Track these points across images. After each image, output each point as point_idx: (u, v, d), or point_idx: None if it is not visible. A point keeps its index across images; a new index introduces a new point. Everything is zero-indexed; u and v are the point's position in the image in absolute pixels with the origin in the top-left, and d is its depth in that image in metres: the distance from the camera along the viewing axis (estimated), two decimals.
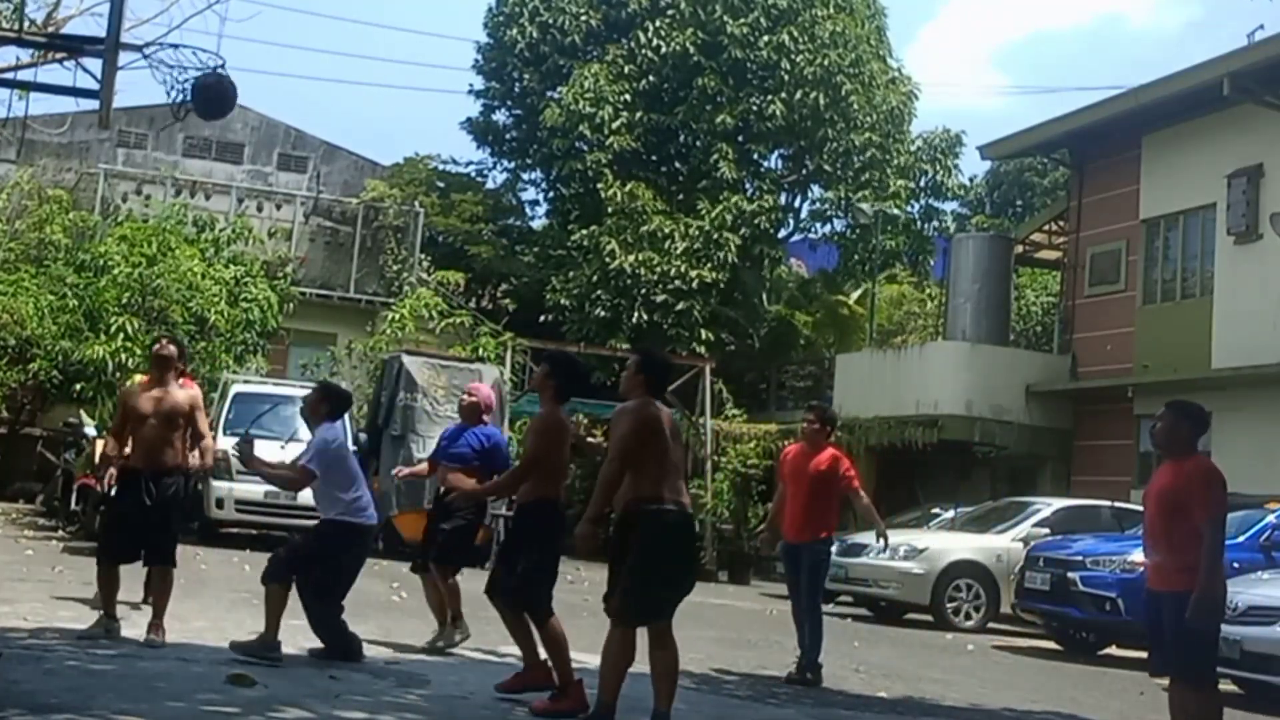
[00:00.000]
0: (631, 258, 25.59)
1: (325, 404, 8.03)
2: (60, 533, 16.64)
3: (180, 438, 8.14)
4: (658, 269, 25.60)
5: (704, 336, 25.73)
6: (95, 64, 9.05)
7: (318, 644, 7.86)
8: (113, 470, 8.70)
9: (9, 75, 11.17)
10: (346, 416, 8.40)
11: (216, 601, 10.34)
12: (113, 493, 8.63)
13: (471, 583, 8.75)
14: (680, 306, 25.68)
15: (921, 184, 29.68)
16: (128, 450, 8.21)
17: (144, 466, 7.97)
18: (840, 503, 9.67)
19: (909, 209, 29.58)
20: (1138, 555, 12.90)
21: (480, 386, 10.22)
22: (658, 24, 27.15)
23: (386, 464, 18.33)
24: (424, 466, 9.93)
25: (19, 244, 21.62)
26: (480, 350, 21.75)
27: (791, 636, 12.27)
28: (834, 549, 16.65)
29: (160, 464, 7.96)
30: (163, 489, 7.94)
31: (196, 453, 8.35)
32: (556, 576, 7.16)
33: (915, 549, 15.42)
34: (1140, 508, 15.30)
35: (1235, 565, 12.35)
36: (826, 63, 26.73)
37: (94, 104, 9.64)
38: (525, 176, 31.07)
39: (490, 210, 29.96)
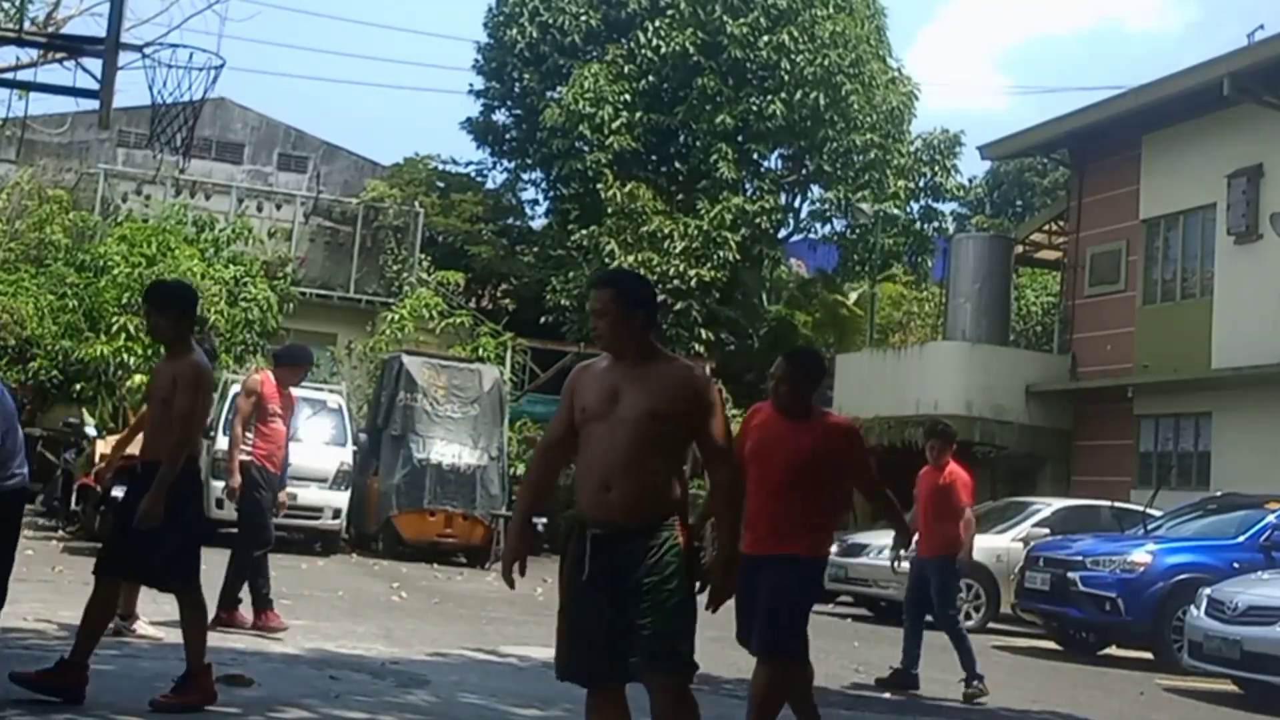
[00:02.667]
0: (631, 258, 25.58)
1: None
2: (60, 533, 16.65)
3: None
4: (657, 269, 25.60)
5: (703, 336, 25.73)
6: (95, 64, 9.03)
7: (317, 644, 7.86)
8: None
9: (9, 75, 11.15)
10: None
11: (216, 602, 10.32)
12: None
13: (472, 583, 8.75)
14: (679, 306, 25.69)
15: (920, 184, 29.70)
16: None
17: None
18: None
19: (908, 209, 29.59)
20: (1138, 555, 12.93)
21: None
22: (657, 24, 27.14)
23: (386, 464, 18.35)
24: None
25: (19, 244, 21.63)
26: (480, 350, 21.76)
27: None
28: (834, 549, 16.82)
29: None
30: None
31: None
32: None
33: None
34: (1139, 507, 15.38)
35: (1235, 565, 12.37)
36: (826, 63, 26.72)
37: (94, 104, 9.63)
38: (525, 176, 31.07)
39: (490, 210, 29.96)
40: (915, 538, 9.10)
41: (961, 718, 8.42)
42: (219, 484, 16.85)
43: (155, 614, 8.48)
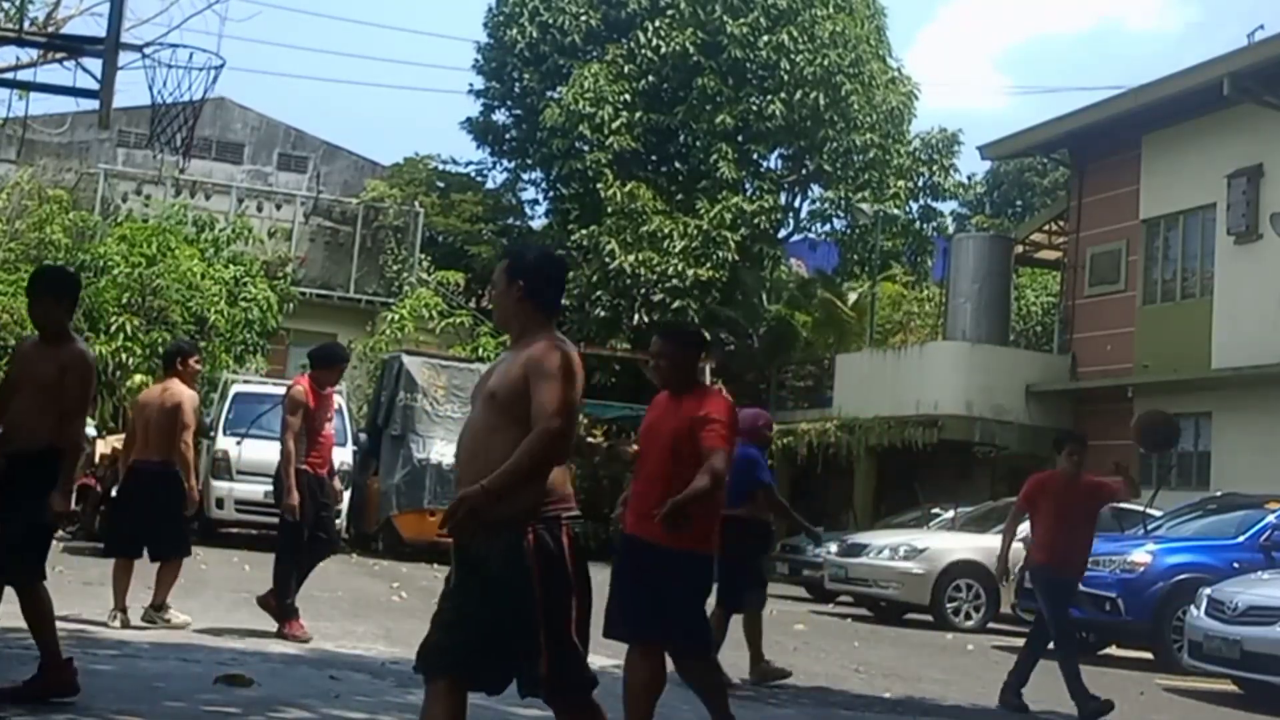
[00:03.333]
0: (631, 258, 25.60)
1: None
2: (60, 533, 16.63)
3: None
4: (657, 269, 25.61)
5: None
6: (95, 64, 9.03)
7: (317, 644, 7.86)
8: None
9: (9, 75, 11.15)
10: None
11: (217, 601, 10.34)
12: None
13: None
14: (676, 305, 25.69)
15: (919, 184, 29.72)
16: None
17: None
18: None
19: (908, 209, 29.61)
20: (1138, 555, 12.92)
21: None
22: (657, 24, 27.15)
23: (386, 464, 18.35)
24: None
25: (19, 244, 21.62)
26: (480, 350, 21.77)
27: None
28: (834, 549, 16.84)
29: None
30: None
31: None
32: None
33: (915, 549, 15.41)
34: (1139, 507, 15.37)
35: (1235, 565, 12.37)
36: (826, 63, 26.73)
37: (94, 104, 9.62)
38: (525, 176, 31.10)
39: (490, 210, 29.98)
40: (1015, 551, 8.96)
41: (961, 717, 8.41)
42: (220, 484, 16.95)
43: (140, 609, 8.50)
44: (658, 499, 5.34)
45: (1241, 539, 12.79)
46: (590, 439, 24.00)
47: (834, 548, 16.86)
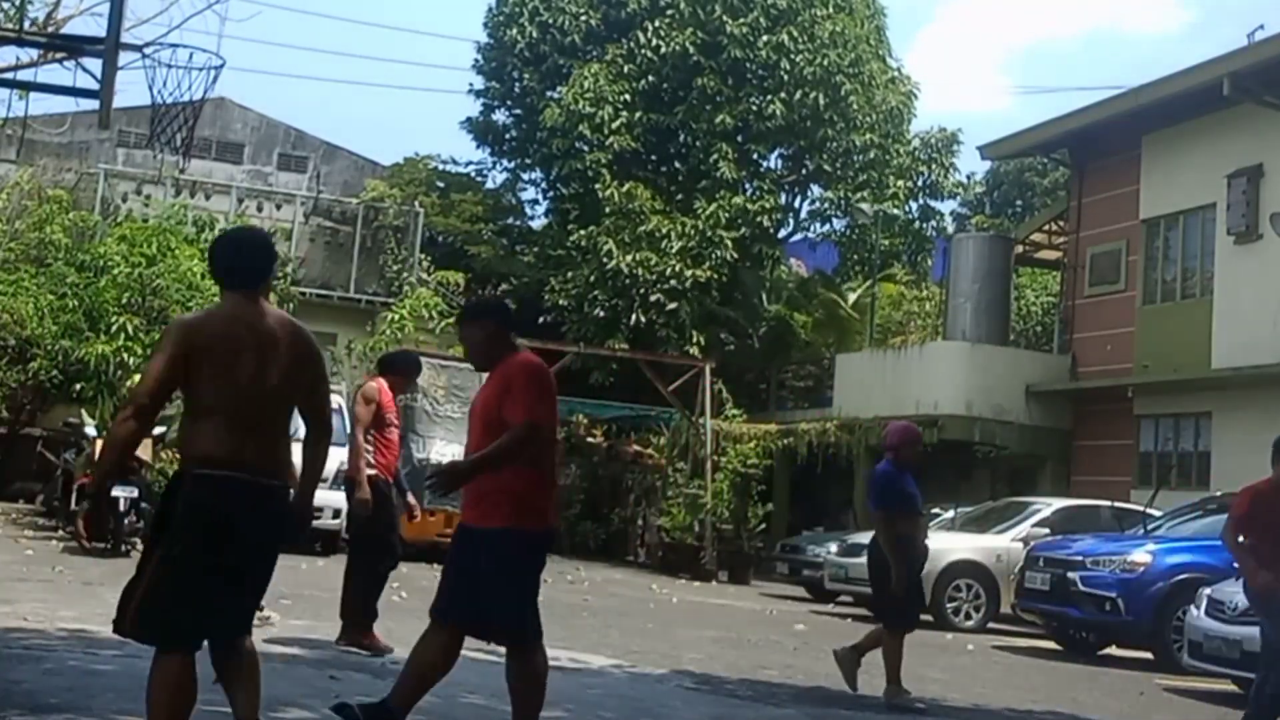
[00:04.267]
0: (629, 258, 25.59)
1: None
2: (60, 533, 16.62)
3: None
4: (655, 269, 25.60)
5: (695, 338, 25.73)
6: (95, 64, 9.02)
7: (317, 644, 7.86)
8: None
9: (9, 75, 11.14)
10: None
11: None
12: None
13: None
14: (671, 306, 25.70)
15: (919, 184, 29.72)
16: None
17: None
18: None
19: (907, 209, 29.60)
20: (1138, 555, 12.94)
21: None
22: (657, 24, 27.15)
23: None
24: None
25: (19, 244, 21.60)
26: None
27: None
28: (834, 549, 16.84)
29: None
30: None
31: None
32: None
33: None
34: (1139, 507, 15.37)
35: (1235, 565, 12.36)
36: (826, 62, 26.73)
37: (94, 104, 9.61)
38: (525, 176, 31.11)
39: (490, 210, 29.98)
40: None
41: (961, 717, 8.41)
42: None
43: None
44: (476, 485, 5.30)
45: (1242, 539, 12.77)
46: (590, 439, 24.06)
47: (834, 548, 16.87)
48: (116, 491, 13.29)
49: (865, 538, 16.31)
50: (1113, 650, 13.77)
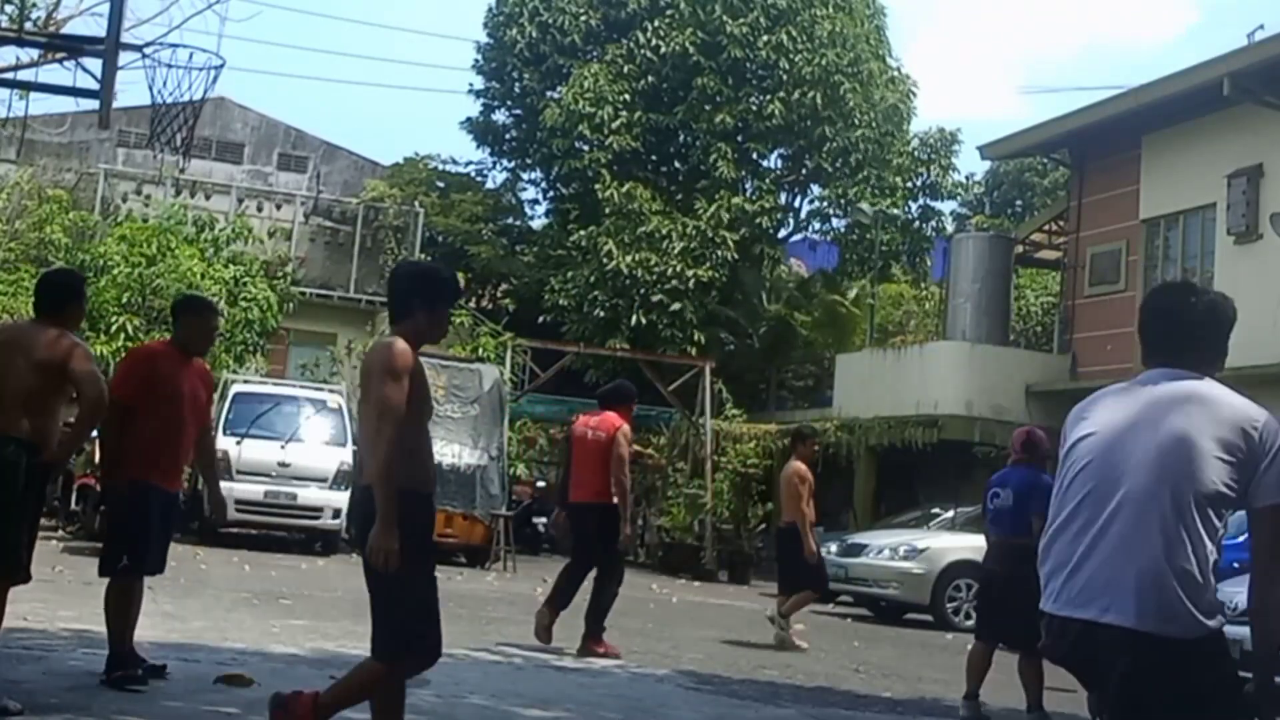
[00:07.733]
0: (629, 258, 25.60)
1: None
2: (60, 533, 16.64)
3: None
4: (655, 269, 25.61)
5: (696, 338, 25.73)
6: (95, 64, 9.02)
7: (317, 644, 7.85)
8: None
9: (9, 75, 11.14)
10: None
11: (217, 602, 10.33)
12: None
13: (471, 583, 8.73)
14: (674, 307, 25.70)
15: (919, 184, 29.72)
16: None
17: None
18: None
19: (907, 209, 29.60)
20: None
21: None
22: (657, 24, 27.16)
23: None
24: None
25: (19, 244, 21.62)
26: (480, 350, 21.75)
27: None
28: (834, 549, 16.84)
29: None
30: None
31: None
32: None
33: (915, 549, 15.42)
34: None
35: (1235, 565, 12.35)
36: (825, 62, 26.74)
37: (94, 104, 9.61)
38: (525, 176, 31.12)
39: (490, 210, 29.98)
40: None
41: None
42: (220, 484, 16.95)
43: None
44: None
45: (1241, 539, 12.70)
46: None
47: (834, 548, 16.88)
48: None
49: (865, 537, 16.38)
50: None
